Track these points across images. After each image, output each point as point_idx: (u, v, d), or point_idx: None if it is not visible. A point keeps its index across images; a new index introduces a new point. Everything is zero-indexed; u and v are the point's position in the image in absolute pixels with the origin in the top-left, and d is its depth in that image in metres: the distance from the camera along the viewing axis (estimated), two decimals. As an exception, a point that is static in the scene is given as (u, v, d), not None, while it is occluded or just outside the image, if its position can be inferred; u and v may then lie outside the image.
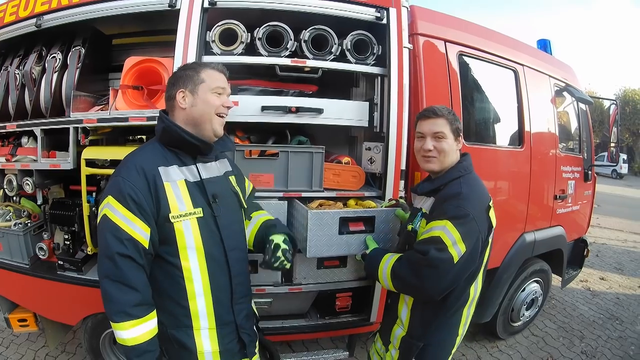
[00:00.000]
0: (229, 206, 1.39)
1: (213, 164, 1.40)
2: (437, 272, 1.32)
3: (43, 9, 2.10)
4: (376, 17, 2.07)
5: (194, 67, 1.34)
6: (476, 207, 1.37)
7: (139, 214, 1.18)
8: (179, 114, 1.32)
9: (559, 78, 3.24)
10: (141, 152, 1.33)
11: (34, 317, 2.38)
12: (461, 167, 1.49)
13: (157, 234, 1.23)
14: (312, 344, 2.95)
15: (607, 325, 3.67)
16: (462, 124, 1.52)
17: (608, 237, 7.40)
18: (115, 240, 1.16)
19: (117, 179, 1.21)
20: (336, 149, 2.55)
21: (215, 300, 1.32)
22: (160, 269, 1.27)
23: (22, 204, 2.41)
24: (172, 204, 1.23)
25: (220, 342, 1.33)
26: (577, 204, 3.44)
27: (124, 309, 1.16)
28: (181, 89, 1.30)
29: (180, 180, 1.27)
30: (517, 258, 2.84)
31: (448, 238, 1.32)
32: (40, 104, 2.22)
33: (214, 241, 1.31)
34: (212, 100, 1.32)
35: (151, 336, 1.21)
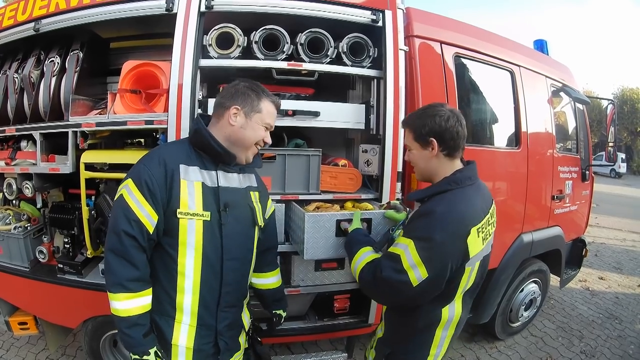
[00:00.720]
0: (240, 218, 1.42)
1: (235, 175, 1.43)
2: (392, 291, 1.26)
3: (41, 13, 2.11)
4: (372, 20, 2.08)
5: (257, 92, 1.37)
6: (447, 231, 1.20)
7: (150, 200, 1.25)
8: (223, 126, 1.36)
9: (556, 78, 3.25)
10: (169, 146, 1.44)
11: (34, 320, 2.38)
12: (452, 180, 1.30)
13: (163, 223, 1.29)
14: (311, 345, 2.95)
15: (607, 325, 3.68)
16: (442, 127, 1.30)
17: (607, 236, 7.42)
18: (124, 219, 1.24)
19: (140, 166, 1.30)
20: (333, 151, 2.56)
21: (202, 301, 1.36)
22: (158, 257, 1.33)
23: (21, 207, 2.41)
24: (182, 201, 1.29)
25: (197, 341, 1.37)
26: (575, 204, 3.45)
27: (120, 282, 1.23)
28: (237, 105, 1.34)
29: (197, 181, 1.32)
30: (515, 259, 2.85)
31: (407, 260, 1.21)
32: (39, 107, 2.23)
33: (214, 246, 1.34)
34: (260, 133, 1.38)
35: (143, 311, 1.27)
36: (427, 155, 1.34)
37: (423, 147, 1.34)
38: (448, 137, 1.29)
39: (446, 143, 1.30)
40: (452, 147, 1.31)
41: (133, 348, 1.26)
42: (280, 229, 2.05)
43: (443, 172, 1.33)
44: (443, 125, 1.29)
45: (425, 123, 1.32)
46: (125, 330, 1.25)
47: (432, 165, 1.35)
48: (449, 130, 1.29)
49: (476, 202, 1.29)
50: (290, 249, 2.06)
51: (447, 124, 1.29)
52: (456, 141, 1.31)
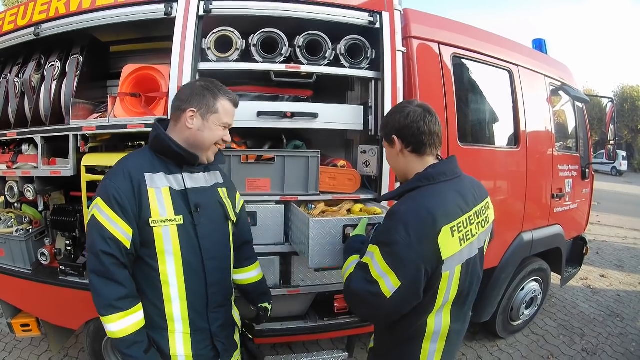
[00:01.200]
0: (212, 217, 1.42)
1: (201, 174, 1.43)
2: (366, 306, 1.17)
3: (41, 18, 2.12)
4: (369, 22, 2.09)
5: (213, 92, 1.36)
6: (412, 232, 1.10)
7: (122, 215, 1.24)
8: (181, 129, 1.35)
9: (555, 77, 3.25)
10: (131, 157, 1.38)
11: (37, 322, 2.39)
12: (423, 177, 1.23)
13: (138, 235, 1.27)
14: (312, 345, 2.96)
15: (608, 323, 3.67)
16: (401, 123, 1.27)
17: (608, 234, 7.39)
18: (100, 239, 1.23)
19: (106, 182, 1.29)
20: (332, 152, 2.56)
21: (191, 305, 1.35)
22: (139, 270, 1.32)
23: (23, 210, 2.43)
24: (153, 209, 1.28)
25: (194, 347, 1.36)
26: (575, 202, 3.45)
27: (110, 302, 1.21)
28: (193, 108, 1.33)
29: (164, 187, 1.31)
30: (515, 257, 2.86)
31: (375, 269, 1.13)
32: (40, 111, 2.24)
33: (192, 249, 1.34)
34: (217, 133, 1.38)
35: (138, 328, 1.26)
36: (394, 153, 1.32)
37: (390, 146, 1.33)
38: (408, 134, 1.26)
39: (407, 140, 1.27)
40: (415, 143, 1.26)
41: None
42: (280, 229, 2.07)
43: (413, 170, 1.28)
44: (402, 122, 1.27)
45: (388, 122, 1.33)
46: (126, 351, 1.23)
47: (400, 163, 1.33)
48: (409, 126, 1.26)
49: (449, 198, 1.19)
50: (290, 249, 2.07)
51: (407, 121, 1.26)
52: (418, 137, 1.25)
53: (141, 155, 1.38)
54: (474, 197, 1.27)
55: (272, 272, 2.11)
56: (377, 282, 1.12)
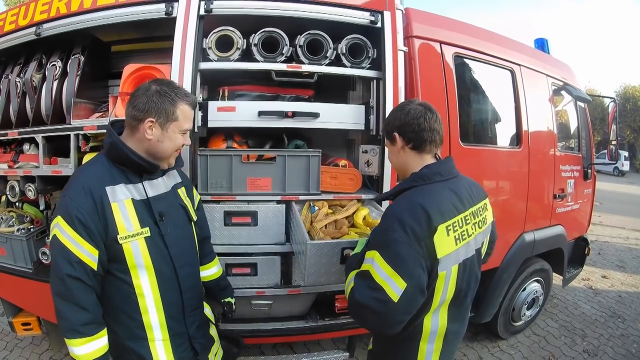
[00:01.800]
0: (177, 222, 1.40)
1: (160, 180, 1.40)
2: (375, 316, 1.12)
3: (42, 18, 2.12)
4: (370, 21, 2.08)
5: (171, 97, 1.28)
6: (409, 230, 1.09)
7: (86, 236, 1.19)
8: (140, 139, 1.29)
9: (557, 77, 3.24)
10: (88, 169, 1.32)
11: (38, 321, 2.40)
12: (418, 176, 1.24)
13: (105, 254, 1.24)
14: (314, 345, 2.96)
15: (609, 324, 3.66)
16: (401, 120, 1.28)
17: (610, 234, 7.37)
18: (65, 262, 1.17)
19: (66, 199, 1.21)
20: (333, 152, 2.56)
21: (167, 314, 1.35)
22: (111, 285, 1.29)
23: (24, 209, 2.43)
24: (119, 225, 1.24)
25: (175, 352, 1.38)
26: (577, 203, 3.43)
27: (74, 327, 1.19)
28: (151, 118, 1.26)
29: (127, 199, 1.27)
30: (517, 258, 2.85)
31: (378, 274, 1.10)
32: (41, 111, 2.25)
33: (163, 259, 1.33)
34: (177, 141, 1.33)
35: (102, 353, 1.24)
36: (395, 150, 1.34)
37: (391, 143, 1.34)
38: (409, 130, 1.27)
39: (408, 136, 1.28)
40: (415, 139, 1.27)
41: None
42: (281, 229, 2.06)
43: (412, 167, 1.30)
44: (403, 119, 1.28)
45: (389, 120, 1.35)
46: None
47: (401, 160, 1.33)
48: (410, 123, 1.27)
49: (444, 197, 1.20)
50: (290, 249, 2.06)
51: (408, 117, 1.27)
52: (418, 134, 1.26)
53: (98, 166, 1.30)
54: (471, 197, 1.28)
55: (273, 272, 2.11)
56: (382, 287, 1.09)
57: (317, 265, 1.57)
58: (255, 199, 2.05)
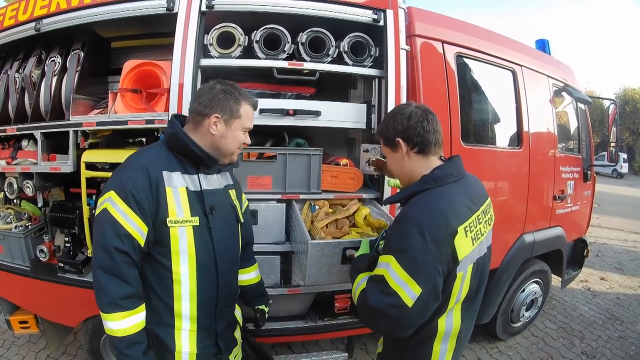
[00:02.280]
0: (225, 219, 1.42)
1: (215, 176, 1.43)
2: (388, 321, 1.11)
3: (42, 13, 2.11)
4: (373, 19, 2.07)
5: (236, 97, 1.34)
6: (428, 236, 1.07)
7: (138, 212, 1.21)
8: (204, 133, 1.33)
9: (558, 78, 3.24)
10: (147, 153, 1.35)
11: (35, 319, 2.38)
12: (430, 179, 1.20)
13: (152, 233, 1.25)
14: (312, 345, 2.95)
15: (608, 326, 3.66)
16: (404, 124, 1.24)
17: (608, 236, 7.38)
18: (114, 234, 1.19)
19: (121, 176, 1.23)
20: (334, 150, 2.56)
21: (200, 305, 1.35)
22: (149, 267, 1.30)
23: (22, 206, 2.41)
24: (171, 209, 1.26)
25: (199, 345, 1.37)
26: (577, 204, 3.44)
27: (115, 301, 1.19)
28: (217, 114, 1.31)
29: (181, 187, 1.29)
30: (517, 259, 2.85)
31: (393, 279, 1.08)
32: (40, 107, 2.23)
33: (206, 251, 1.34)
34: (240, 138, 1.38)
35: (140, 328, 1.24)
36: (399, 157, 1.27)
37: (393, 150, 1.28)
38: (413, 134, 1.22)
39: (413, 140, 1.23)
40: (421, 143, 1.23)
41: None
42: (281, 228, 2.06)
43: (419, 172, 1.25)
44: (405, 124, 1.23)
45: (389, 125, 1.28)
46: (125, 351, 1.21)
47: (406, 167, 1.27)
48: (413, 126, 1.22)
49: (459, 199, 1.19)
50: (290, 248, 2.06)
51: (410, 121, 1.23)
52: (423, 136, 1.22)
53: (157, 151, 1.33)
54: (480, 196, 1.27)
55: (273, 271, 2.10)
56: (396, 293, 1.08)
57: (317, 265, 1.56)
58: (256, 198, 2.03)
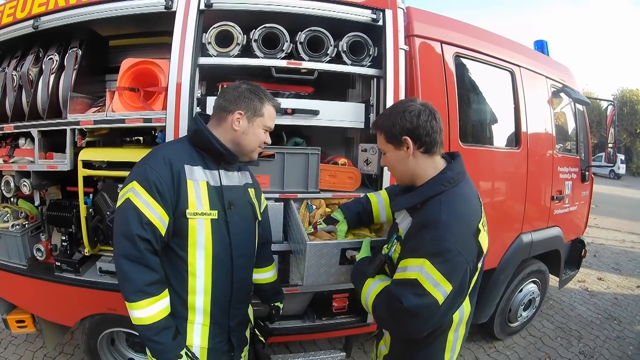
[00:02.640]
0: (243, 215, 1.44)
1: (235, 173, 1.45)
2: (419, 320, 1.12)
3: (40, 11, 2.10)
4: (372, 19, 2.07)
5: (260, 96, 1.38)
6: (460, 237, 1.11)
7: (161, 202, 1.24)
8: (226, 129, 1.36)
9: (556, 79, 3.24)
10: (171, 146, 1.41)
11: (32, 318, 2.37)
12: (444, 180, 1.20)
13: (172, 224, 1.28)
14: (310, 344, 2.95)
15: (605, 326, 3.68)
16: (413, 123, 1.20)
17: (606, 237, 7.42)
18: (137, 223, 1.21)
19: (145, 167, 1.26)
20: (333, 150, 2.56)
21: (214, 300, 1.36)
22: (166, 259, 1.32)
23: (19, 205, 2.40)
24: (190, 201, 1.29)
25: (211, 340, 1.38)
26: (575, 205, 3.44)
27: (140, 288, 1.21)
28: (241, 110, 1.35)
29: (202, 181, 1.32)
30: (514, 259, 2.85)
31: (427, 281, 1.09)
32: (38, 105, 2.22)
33: (223, 245, 1.35)
34: (261, 136, 1.41)
35: (166, 313, 1.26)
36: (403, 155, 1.23)
37: (397, 148, 1.24)
38: (422, 133, 1.19)
39: (421, 140, 1.20)
40: (429, 142, 1.21)
41: (164, 354, 1.23)
42: (279, 227, 2.05)
43: (424, 172, 1.24)
44: (415, 122, 1.19)
45: (395, 121, 1.22)
46: (155, 338, 1.22)
47: (410, 166, 1.24)
48: (422, 125, 1.19)
49: (472, 197, 1.22)
50: (288, 248, 2.05)
51: (419, 120, 1.19)
52: (432, 136, 1.20)
53: (180, 146, 1.38)
54: (477, 191, 1.30)
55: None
56: (430, 294, 1.09)
57: (316, 265, 1.56)
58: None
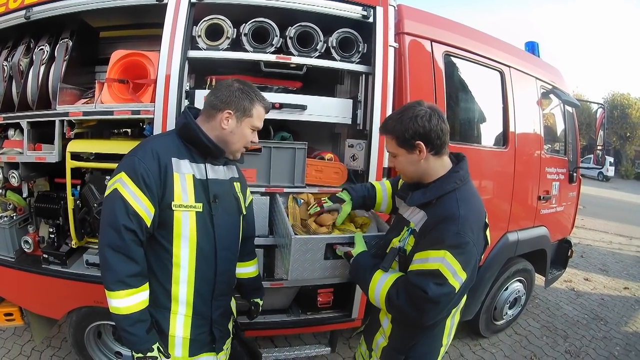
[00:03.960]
0: (228, 209, 1.46)
1: (221, 167, 1.47)
2: (438, 306, 1.21)
3: (33, 1, 2.09)
4: (362, 16, 2.09)
5: (251, 97, 1.39)
6: (475, 231, 1.23)
7: (147, 193, 1.26)
8: (215, 127, 1.38)
9: (546, 80, 3.27)
10: (159, 139, 1.44)
11: (20, 312, 2.36)
12: (456, 178, 1.29)
13: (158, 216, 1.30)
14: (295, 339, 2.96)
15: (592, 326, 3.71)
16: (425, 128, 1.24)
17: (593, 238, 7.48)
18: (123, 214, 1.23)
19: (133, 159, 1.29)
20: (320, 145, 2.57)
21: (197, 291, 1.39)
22: (151, 250, 1.34)
23: (8, 196, 2.38)
24: (176, 193, 1.31)
25: (193, 331, 1.40)
26: (562, 205, 3.48)
27: (121, 278, 1.23)
28: (230, 110, 1.36)
29: (188, 174, 1.34)
30: (500, 257, 2.88)
31: (448, 270, 1.17)
32: (28, 96, 2.21)
33: (207, 237, 1.38)
34: (248, 136, 1.43)
35: (143, 306, 1.28)
36: (415, 159, 1.29)
37: (409, 152, 1.29)
38: (434, 137, 1.25)
39: (433, 143, 1.26)
40: (439, 145, 1.28)
41: (137, 346, 1.26)
42: (265, 222, 2.06)
43: (435, 171, 1.31)
44: (427, 126, 1.24)
45: (408, 127, 1.25)
46: (128, 329, 1.25)
47: (422, 168, 1.31)
48: (434, 129, 1.25)
49: (478, 195, 1.35)
50: (274, 242, 2.06)
51: (431, 124, 1.24)
52: (442, 139, 1.27)
53: (169, 138, 1.40)
54: None
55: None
56: (449, 283, 1.18)
57: (301, 260, 1.57)
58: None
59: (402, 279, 1.27)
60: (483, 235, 1.28)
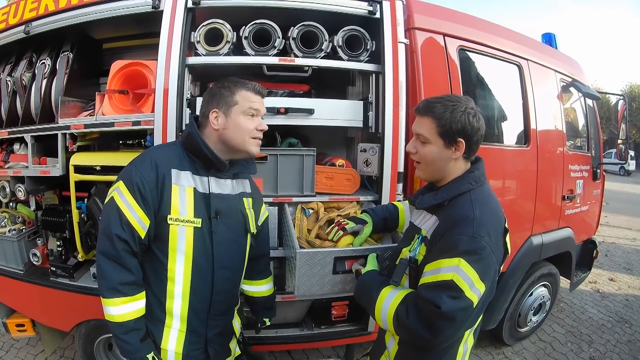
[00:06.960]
0: (230, 226, 1.38)
1: (228, 181, 1.40)
2: (454, 324, 1.06)
3: (31, 16, 2.09)
4: (369, 11, 1.98)
5: (229, 87, 1.33)
6: (492, 235, 1.08)
7: (142, 204, 1.23)
8: (210, 132, 1.34)
9: (565, 73, 3.11)
10: (162, 149, 1.41)
11: (32, 323, 2.36)
12: (471, 178, 1.17)
13: (154, 228, 1.27)
14: (312, 350, 2.87)
15: (617, 329, 3.55)
16: (474, 128, 1.14)
17: (617, 235, 7.21)
18: (117, 223, 1.22)
19: (131, 167, 1.27)
20: (333, 150, 2.48)
21: (192, 307, 1.34)
22: (148, 261, 1.32)
23: (18, 210, 2.40)
24: (173, 206, 1.27)
25: (186, 347, 1.36)
26: (586, 204, 3.31)
27: (114, 286, 1.21)
28: (214, 109, 1.32)
29: (189, 187, 1.29)
30: (524, 262, 2.73)
31: (464, 281, 1.03)
32: (31, 110, 2.22)
33: (205, 254, 1.33)
34: (245, 124, 1.32)
35: (138, 315, 1.26)
36: (449, 155, 1.17)
37: (446, 146, 1.16)
38: (474, 140, 1.16)
39: (472, 147, 1.17)
40: (475, 150, 1.19)
41: (130, 355, 1.25)
42: (274, 233, 1.98)
43: (454, 173, 1.20)
44: (475, 127, 1.14)
45: (459, 119, 1.13)
46: (122, 337, 1.23)
47: (448, 167, 1.19)
48: (479, 132, 1.16)
49: (496, 198, 1.21)
50: (283, 254, 1.98)
51: (478, 124, 1.14)
52: (478, 144, 1.18)
53: (171, 149, 1.36)
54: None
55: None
56: (466, 295, 1.04)
57: (308, 275, 1.48)
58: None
59: (413, 295, 1.13)
60: (502, 242, 1.14)
